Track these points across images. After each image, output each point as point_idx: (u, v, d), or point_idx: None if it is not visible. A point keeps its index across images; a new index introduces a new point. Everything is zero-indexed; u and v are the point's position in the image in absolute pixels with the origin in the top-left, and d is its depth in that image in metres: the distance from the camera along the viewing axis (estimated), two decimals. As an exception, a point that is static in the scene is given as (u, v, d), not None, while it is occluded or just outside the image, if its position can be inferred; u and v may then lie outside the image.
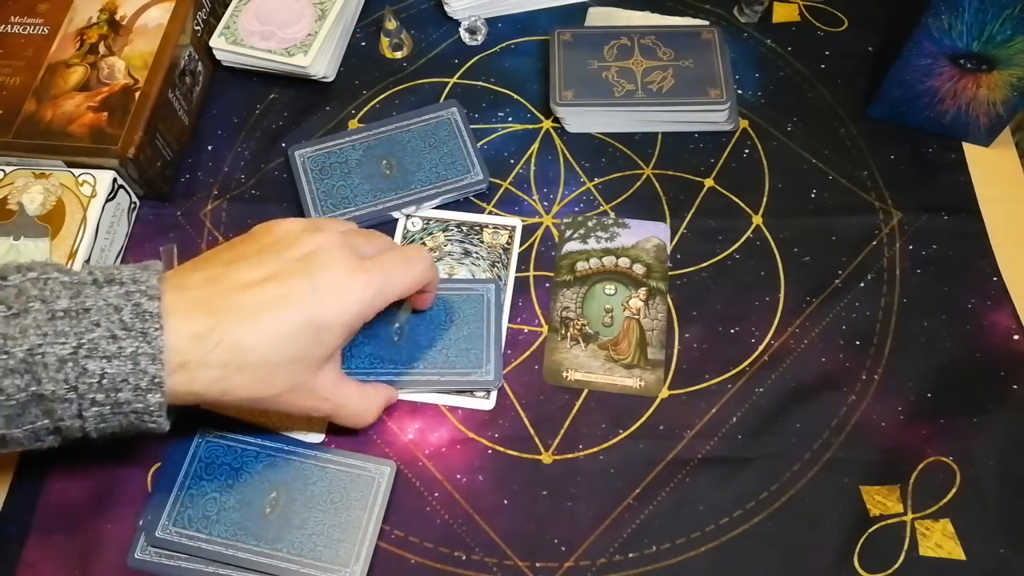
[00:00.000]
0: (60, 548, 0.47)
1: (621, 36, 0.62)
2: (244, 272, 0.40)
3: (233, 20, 0.63)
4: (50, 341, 0.35)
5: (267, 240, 0.43)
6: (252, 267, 0.40)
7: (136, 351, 0.36)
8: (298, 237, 0.42)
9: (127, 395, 0.36)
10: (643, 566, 0.46)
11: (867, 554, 0.46)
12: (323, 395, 0.43)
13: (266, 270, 0.40)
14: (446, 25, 0.67)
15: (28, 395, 0.35)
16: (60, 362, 0.35)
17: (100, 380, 0.36)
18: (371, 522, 0.47)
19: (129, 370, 0.36)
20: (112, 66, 0.58)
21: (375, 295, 0.42)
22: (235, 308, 0.39)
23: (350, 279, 0.41)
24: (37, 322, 0.35)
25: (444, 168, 0.58)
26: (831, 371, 0.52)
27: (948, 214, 0.57)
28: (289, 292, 0.39)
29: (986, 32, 0.52)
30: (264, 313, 0.39)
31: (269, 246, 0.42)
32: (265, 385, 0.40)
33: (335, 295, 0.40)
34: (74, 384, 0.35)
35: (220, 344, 0.38)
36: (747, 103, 0.63)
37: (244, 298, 0.39)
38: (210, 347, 0.37)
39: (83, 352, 0.35)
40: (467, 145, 0.59)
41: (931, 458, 0.49)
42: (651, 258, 0.56)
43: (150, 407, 0.37)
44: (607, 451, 0.50)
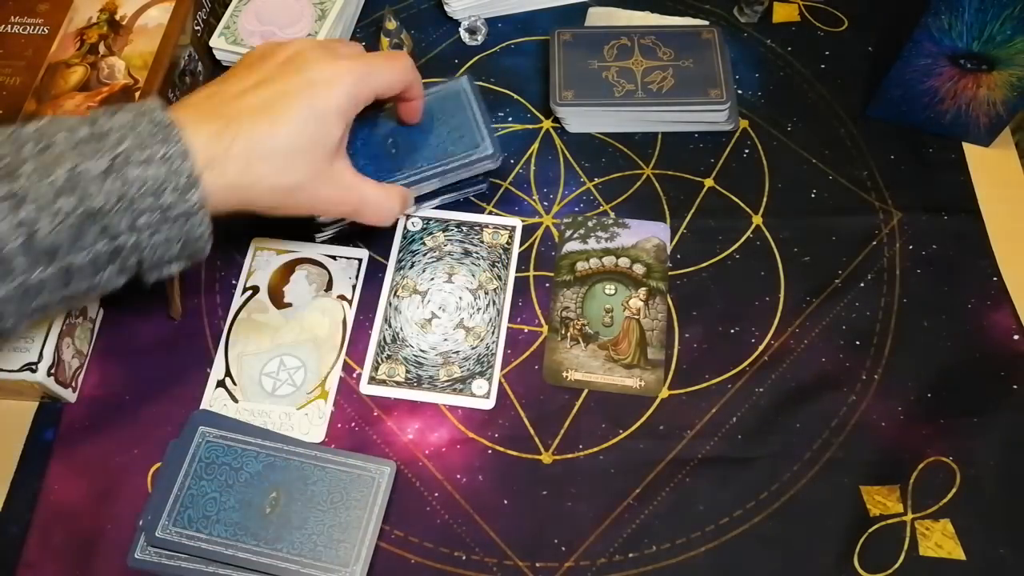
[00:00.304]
0: (60, 548, 0.48)
1: (621, 36, 0.62)
2: (237, 84, 0.44)
3: (233, 20, 0.63)
4: (86, 159, 0.37)
5: (249, 60, 0.46)
6: (243, 79, 0.44)
7: (167, 154, 0.38)
8: (276, 50, 0.46)
9: (170, 197, 0.38)
10: (643, 566, 0.46)
11: (867, 554, 0.46)
12: (345, 184, 0.47)
13: (258, 76, 0.44)
14: (446, 25, 0.67)
15: (82, 212, 0.37)
16: (103, 175, 0.37)
17: (143, 186, 0.38)
18: (371, 522, 0.47)
19: (166, 172, 0.38)
20: (112, 66, 0.58)
21: (359, 80, 0.45)
22: (240, 110, 0.42)
23: (335, 66, 0.45)
24: (68, 146, 0.38)
25: (452, 143, 0.54)
26: (831, 371, 0.52)
27: (948, 214, 0.57)
28: (285, 88, 0.43)
29: (986, 32, 0.52)
30: (268, 109, 0.42)
31: (255, 61, 0.46)
32: (287, 172, 0.43)
33: (326, 84, 0.44)
34: (121, 193, 0.37)
35: (237, 138, 0.41)
36: (747, 103, 0.63)
37: (245, 101, 0.43)
38: (228, 142, 0.41)
39: (119, 162, 0.38)
40: (477, 118, 0.55)
41: (931, 458, 0.49)
42: (651, 258, 0.56)
43: (193, 207, 0.39)
44: (607, 451, 0.50)
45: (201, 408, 0.51)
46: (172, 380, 0.52)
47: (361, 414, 0.51)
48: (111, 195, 0.37)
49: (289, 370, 0.52)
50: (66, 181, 0.37)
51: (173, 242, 0.40)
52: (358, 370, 0.53)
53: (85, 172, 0.37)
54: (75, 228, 0.37)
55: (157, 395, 0.52)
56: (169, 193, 0.38)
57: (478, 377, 0.52)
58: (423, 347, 0.53)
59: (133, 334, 0.54)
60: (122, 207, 0.38)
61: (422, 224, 0.58)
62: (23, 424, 0.51)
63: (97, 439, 0.51)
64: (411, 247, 0.57)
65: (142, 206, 0.38)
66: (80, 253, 0.38)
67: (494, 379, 0.52)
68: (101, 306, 0.55)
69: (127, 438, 0.51)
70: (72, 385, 0.51)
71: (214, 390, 0.52)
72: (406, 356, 0.53)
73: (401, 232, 0.57)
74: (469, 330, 0.54)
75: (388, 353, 0.53)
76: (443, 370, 0.52)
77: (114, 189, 0.37)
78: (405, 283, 0.55)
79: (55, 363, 0.49)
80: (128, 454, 0.50)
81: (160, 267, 0.41)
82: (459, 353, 0.53)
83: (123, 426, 0.51)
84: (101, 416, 0.51)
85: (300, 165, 0.44)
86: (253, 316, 0.54)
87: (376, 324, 0.54)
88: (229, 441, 0.49)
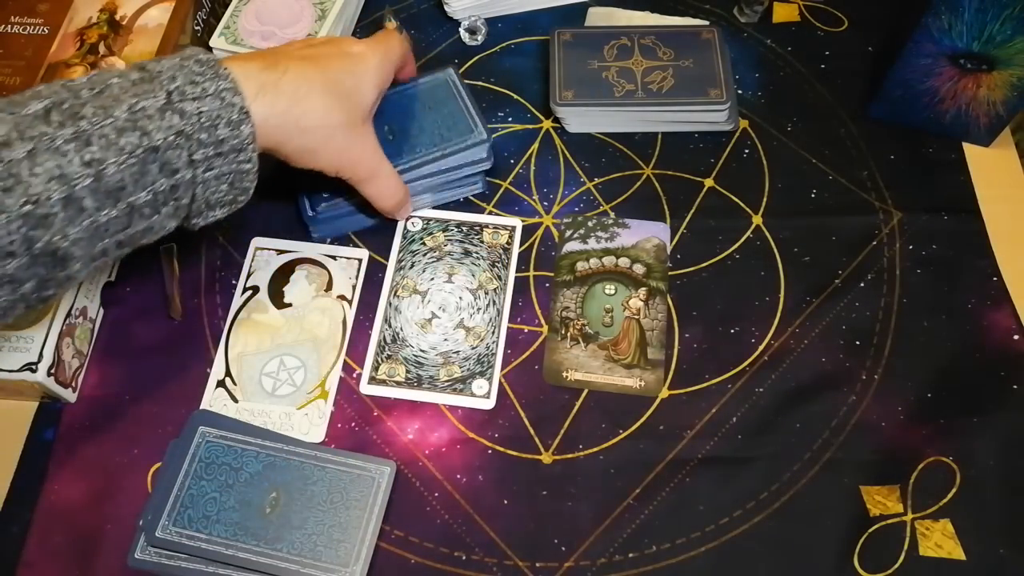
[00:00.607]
0: (60, 548, 0.48)
1: (621, 36, 0.62)
2: (280, 48, 0.49)
3: (233, 20, 0.63)
4: (143, 97, 0.39)
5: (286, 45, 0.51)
6: (287, 49, 0.49)
7: (219, 88, 0.40)
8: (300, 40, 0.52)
9: (224, 131, 0.41)
10: (643, 566, 0.46)
11: (867, 554, 0.46)
12: (371, 147, 0.50)
13: (298, 46, 0.49)
14: (446, 25, 0.67)
15: (144, 150, 0.38)
16: (159, 112, 0.39)
17: (199, 119, 0.40)
18: (371, 522, 0.47)
19: (219, 106, 0.40)
20: (112, 66, 0.58)
21: (385, 57, 0.50)
22: (289, 55, 0.46)
23: (364, 45, 0.50)
24: (123, 88, 0.39)
25: (447, 129, 0.56)
26: (831, 371, 0.52)
27: (948, 214, 0.57)
28: (326, 53, 0.48)
29: (986, 32, 0.52)
30: (313, 60, 0.46)
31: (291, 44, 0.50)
32: (330, 113, 0.46)
33: (360, 56, 0.49)
34: (180, 128, 0.39)
35: (286, 74, 0.44)
36: (747, 103, 0.63)
37: (293, 54, 0.47)
38: (279, 74, 0.44)
39: (175, 98, 0.39)
40: (467, 105, 0.57)
41: (931, 458, 0.49)
42: (651, 258, 0.56)
43: (245, 140, 0.42)
44: (607, 451, 0.50)
45: (201, 408, 0.51)
46: (172, 380, 0.52)
47: (361, 414, 0.51)
48: (170, 131, 0.39)
49: (289, 370, 0.52)
50: (127, 120, 0.38)
51: (223, 179, 0.42)
52: (358, 370, 0.53)
53: (144, 109, 0.38)
54: (138, 166, 0.38)
55: (157, 395, 0.52)
56: (223, 127, 0.40)
57: (478, 377, 0.52)
58: (423, 347, 0.53)
59: (133, 334, 0.54)
60: (180, 142, 0.39)
61: (422, 224, 0.58)
62: (23, 424, 0.51)
63: (97, 439, 0.51)
64: (411, 247, 0.57)
65: (198, 140, 0.40)
66: (143, 191, 0.39)
67: (494, 379, 0.52)
68: (101, 306, 0.55)
69: (127, 438, 0.51)
70: (72, 385, 0.51)
71: (214, 390, 0.52)
72: (406, 356, 0.53)
73: (401, 232, 0.57)
74: (469, 330, 0.54)
75: (388, 353, 0.53)
76: (443, 370, 0.52)
77: (173, 124, 0.39)
78: (405, 283, 0.55)
79: (55, 363, 0.49)
80: (128, 454, 0.50)
81: (208, 211, 0.44)
82: (459, 353, 0.53)
83: (123, 426, 0.51)
84: (101, 416, 0.51)
85: (342, 108, 0.47)
86: (253, 316, 0.54)
87: (376, 324, 0.54)
88: (229, 441, 0.49)
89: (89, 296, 0.53)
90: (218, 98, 0.40)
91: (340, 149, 0.48)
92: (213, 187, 0.42)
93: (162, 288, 0.55)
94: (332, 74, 0.46)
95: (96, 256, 0.40)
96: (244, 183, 0.44)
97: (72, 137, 0.37)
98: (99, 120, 0.37)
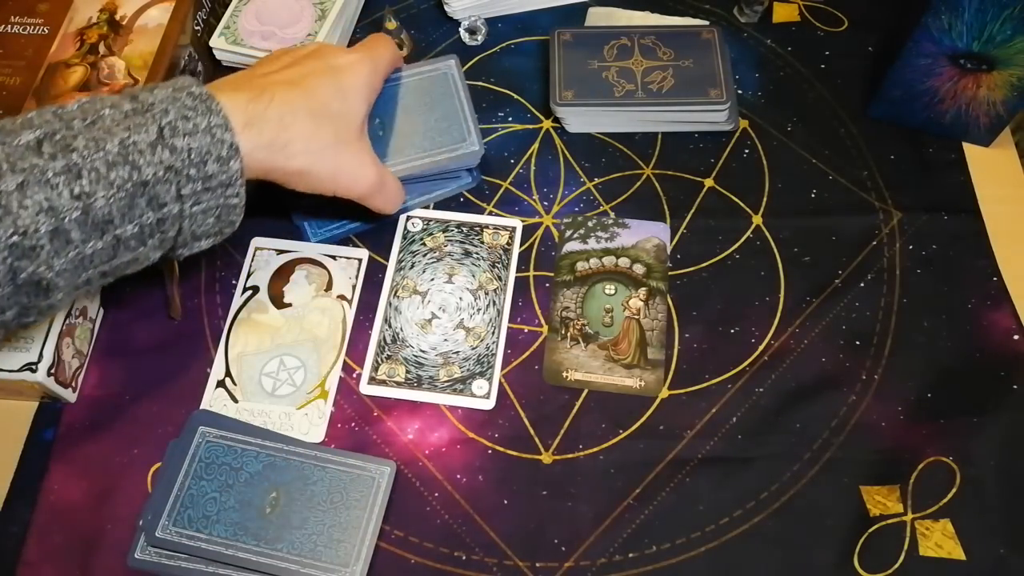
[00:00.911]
0: (60, 548, 0.48)
1: (621, 36, 0.62)
2: (265, 67, 0.48)
3: (233, 20, 0.63)
4: (135, 131, 0.39)
5: (273, 55, 0.51)
6: (270, 65, 0.48)
7: (209, 124, 0.40)
8: (295, 48, 0.51)
9: (213, 167, 0.40)
10: (643, 566, 0.46)
11: (867, 554, 0.46)
12: (369, 160, 0.49)
13: (284, 63, 0.48)
14: (446, 25, 0.67)
15: (133, 184, 0.38)
16: (151, 147, 0.39)
17: (189, 155, 0.40)
18: (371, 522, 0.47)
19: (209, 142, 0.40)
20: (112, 66, 0.58)
21: (373, 68, 0.50)
22: (273, 82, 0.45)
23: (352, 56, 0.49)
24: (115, 120, 0.39)
25: (439, 134, 0.55)
26: (831, 371, 0.52)
27: (948, 214, 0.57)
28: (312, 70, 0.47)
29: (986, 32, 0.52)
30: (298, 83, 0.46)
31: (279, 55, 0.50)
32: (318, 135, 0.46)
33: (347, 68, 0.48)
34: (170, 163, 0.39)
35: (273, 101, 0.44)
36: (747, 103, 0.63)
37: (276, 77, 0.46)
38: (266, 103, 0.43)
39: (167, 133, 0.39)
40: (464, 108, 0.55)
41: (931, 458, 0.49)
42: (651, 258, 0.56)
43: (233, 176, 0.41)
44: (607, 451, 0.50)
45: (201, 408, 0.51)
46: (172, 380, 0.52)
47: (361, 414, 0.51)
48: (160, 166, 0.39)
49: (289, 370, 0.52)
50: (118, 154, 0.38)
51: (211, 213, 0.42)
52: (358, 370, 0.53)
53: (136, 144, 0.38)
54: (127, 199, 0.38)
55: (157, 395, 0.52)
56: (212, 163, 0.40)
57: (478, 377, 0.52)
58: (423, 347, 0.53)
59: (133, 334, 0.54)
60: (169, 177, 0.39)
61: (422, 224, 0.58)
62: (23, 424, 0.51)
63: (97, 439, 0.51)
64: (411, 247, 0.57)
65: (187, 175, 0.40)
66: (130, 224, 0.39)
67: (494, 379, 0.52)
68: (101, 306, 0.55)
69: (127, 438, 0.51)
70: (72, 385, 0.51)
71: (214, 390, 0.52)
72: (406, 356, 0.53)
73: (401, 232, 0.57)
74: (469, 330, 0.54)
75: (388, 353, 0.53)
76: (443, 370, 0.52)
77: (163, 159, 0.39)
78: (405, 283, 0.55)
79: (55, 363, 0.49)
80: (128, 454, 0.50)
81: (193, 241, 0.43)
82: (459, 353, 0.53)
83: (123, 426, 0.51)
84: (101, 416, 0.51)
85: (329, 130, 0.46)
86: (253, 316, 0.54)
87: (376, 324, 0.54)
88: (229, 441, 0.49)
89: (89, 296, 0.53)
90: (209, 134, 0.40)
91: (332, 170, 0.47)
92: (200, 220, 0.42)
93: (162, 288, 0.55)
94: (318, 95, 0.46)
95: (79, 286, 0.40)
96: (231, 216, 0.44)
97: (63, 170, 0.37)
98: (90, 153, 0.37)
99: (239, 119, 0.42)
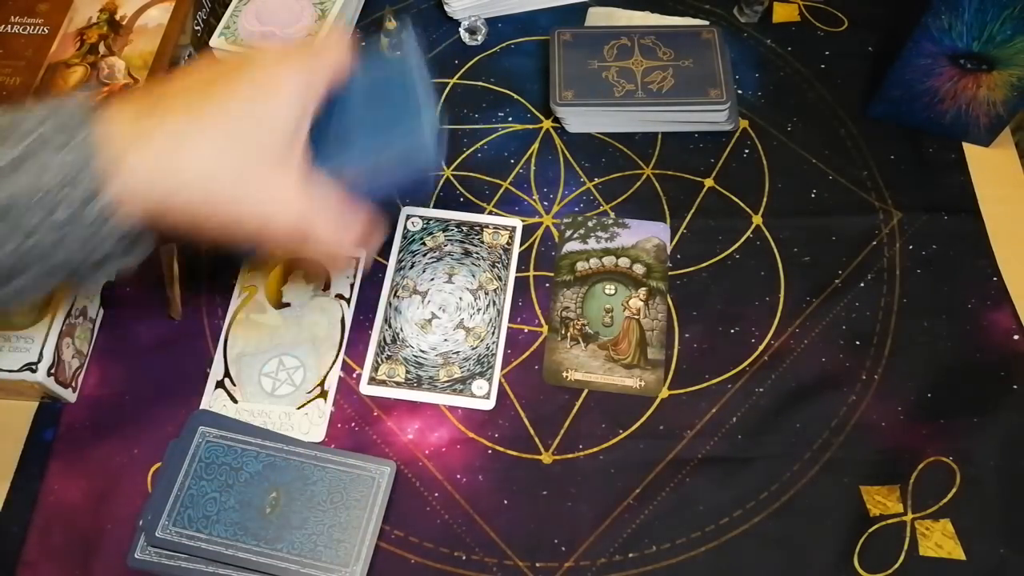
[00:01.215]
0: (60, 548, 0.47)
1: (621, 36, 0.62)
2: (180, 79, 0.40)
3: (233, 20, 0.63)
4: None
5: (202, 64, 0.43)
6: (188, 75, 0.41)
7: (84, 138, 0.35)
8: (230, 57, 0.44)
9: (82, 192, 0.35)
10: (643, 566, 0.46)
11: (867, 554, 0.46)
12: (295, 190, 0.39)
13: (204, 74, 0.40)
14: (446, 25, 0.67)
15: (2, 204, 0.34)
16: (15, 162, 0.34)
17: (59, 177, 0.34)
18: (371, 522, 0.47)
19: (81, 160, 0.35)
20: (112, 66, 0.58)
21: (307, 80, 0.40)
22: (176, 92, 0.39)
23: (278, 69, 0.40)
24: None
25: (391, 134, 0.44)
26: (831, 371, 0.52)
27: (948, 214, 0.57)
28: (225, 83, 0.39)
29: (986, 32, 0.52)
30: (206, 97, 0.38)
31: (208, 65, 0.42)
32: (220, 159, 0.37)
33: (271, 85, 0.39)
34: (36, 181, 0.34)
35: (166, 116, 0.37)
36: (747, 103, 0.63)
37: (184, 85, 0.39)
38: (156, 120, 0.37)
39: (35, 147, 0.34)
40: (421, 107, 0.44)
41: (931, 458, 0.49)
42: (651, 258, 0.56)
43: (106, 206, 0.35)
44: (607, 451, 0.50)
45: (201, 408, 0.51)
46: (172, 380, 0.52)
47: (361, 414, 0.51)
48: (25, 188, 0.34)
49: (288, 370, 0.52)
50: None
51: (99, 238, 0.36)
52: (358, 370, 0.53)
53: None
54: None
55: (157, 395, 0.52)
56: (84, 185, 0.35)
57: (478, 377, 0.52)
58: (423, 347, 0.53)
59: (133, 334, 0.54)
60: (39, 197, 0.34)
61: (422, 224, 0.57)
62: (23, 424, 0.51)
63: (97, 439, 0.51)
64: (411, 247, 0.57)
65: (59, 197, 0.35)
66: None
67: (494, 379, 0.52)
68: (101, 306, 0.55)
69: (127, 438, 0.51)
70: (72, 385, 0.51)
71: (214, 390, 0.52)
72: (406, 356, 0.53)
73: (401, 232, 0.57)
74: (469, 330, 0.54)
75: (388, 353, 0.53)
76: (443, 370, 0.52)
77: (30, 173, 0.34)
78: (405, 283, 0.55)
79: (55, 363, 0.49)
80: (128, 454, 0.50)
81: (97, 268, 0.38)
82: (459, 353, 0.53)
83: (123, 426, 0.51)
84: (101, 416, 0.51)
85: (235, 154, 0.38)
86: (251, 316, 0.54)
87: (376, 324, 0.54)
88: (229, 441, 0.49)
89: (89, 296, 0.53)
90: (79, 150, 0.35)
91: (232, 202, 0.38)
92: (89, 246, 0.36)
93: (162, 288, 0.55)
94: (228, 110, 0.38)
95: None
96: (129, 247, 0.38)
97: None
98: None
99: (120, 139, 0.36)
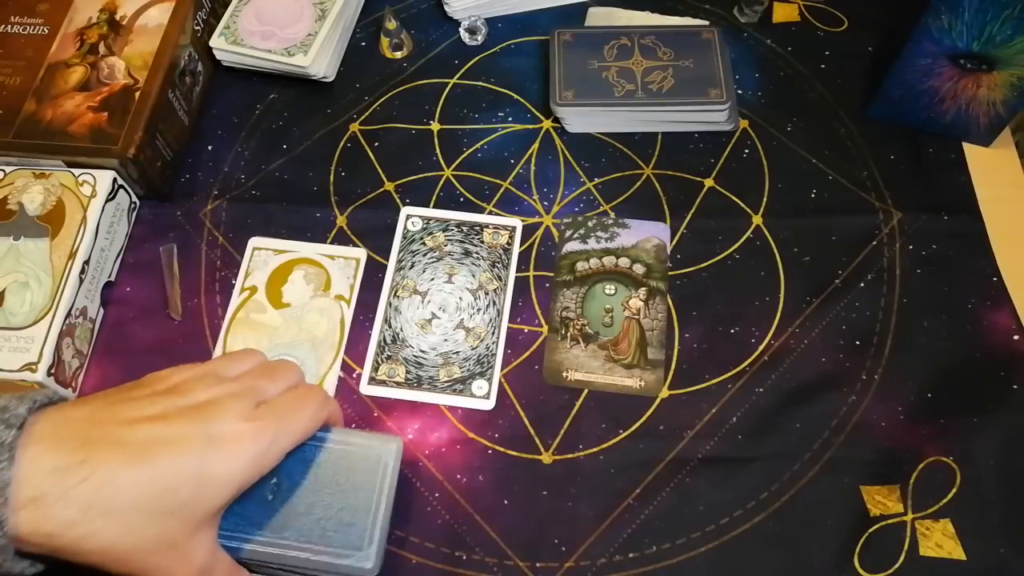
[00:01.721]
0: (60, 548, 0.47)
1: (621, 36, 0.62)
2: (130, 410, 0.37)
3: (233, 20, 0.63)
4: None
5: (161, 387, 0.39)
6: (140, 407, 0.37)
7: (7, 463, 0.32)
8: (194, 386, 0.39)
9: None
10: (643, 566, 0.46)
11: (867, 554, 0.46)
12: (197, 564, 0.37)
13: (156, 410, 0.37)
14: (446, 25, 0.67)
15: None
16: None
17: None
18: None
19: None
20: (112, 66, 0.58)
21: (268, 446, 0.38)
22: (113, 444, 0.35)
23: (241, 430, 0.37)
24: None
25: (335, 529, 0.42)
26: (831, 371, 0.52)
27: (948, 214, 0.57)
28: (178, 436, 0.36)
29: (986, 32, 0.52)
30: (145, 454, 0.35)
31: (162, 392, 0.39)
32: (131, 537, 0.34)
33: (227, 448, 0.37)
34: None
35: (87, 480, 0.33)
36: (747, 103, 0.63)
37: (125, 434, 0.35)
38: (74, 482, 0.33)
39: None
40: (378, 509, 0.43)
41: (931, 458, 0.49)
42: (651, 258, 0.56)
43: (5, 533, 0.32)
44: (607, 451, 0.50)
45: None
46: (172, 380, 0.52)
47: (361, 414, 0.51)
48: None
49: (289, 370, 0.52)
50: None
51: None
52: (358, 370, 0.53)
53: None
54: None
55: (157, 395, 0.52)
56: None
57: (478, 377, 0.52)
58: (423, 347, 0.53)
59: (133, 334, 0.54)
60: None
61: (422, 224, 0.58)
62: (23, 424, 0.51)
63: (97, 439, 0.51)
64: (411, 247, 0.57)
65: None
66: None
67: (494, 379, 0.52)
68: (101, 306, 0.55)
69: None
70: (72, 385, 0.51)
71: (214, 390, 0.52)
72: (406, 356, 0.53)
73: (401, 232, 0.57)
74: (469, 330, 0.54)
75: (388, 353, 0.53)
76: (443, 370, 0.52)
77: None
78: (405, 283, 0.55)
79: (55, 363, 0.49)
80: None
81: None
82: (459, 353, 0.53)
83: (123, 426, 0.51)
84: (101, 416, 0.51)
85: (151, 531, 0.35)
86: (251, 316, 0.54)
87: (376, 324, 0.54)
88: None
89: (89, 296, 0.53)
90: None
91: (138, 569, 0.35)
92: None
93: (162, 288, 0.55)
94: (163, 478, 0.35)
95: None
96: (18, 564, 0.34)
97: None
98: None
99: (26, 491, 0.32)
